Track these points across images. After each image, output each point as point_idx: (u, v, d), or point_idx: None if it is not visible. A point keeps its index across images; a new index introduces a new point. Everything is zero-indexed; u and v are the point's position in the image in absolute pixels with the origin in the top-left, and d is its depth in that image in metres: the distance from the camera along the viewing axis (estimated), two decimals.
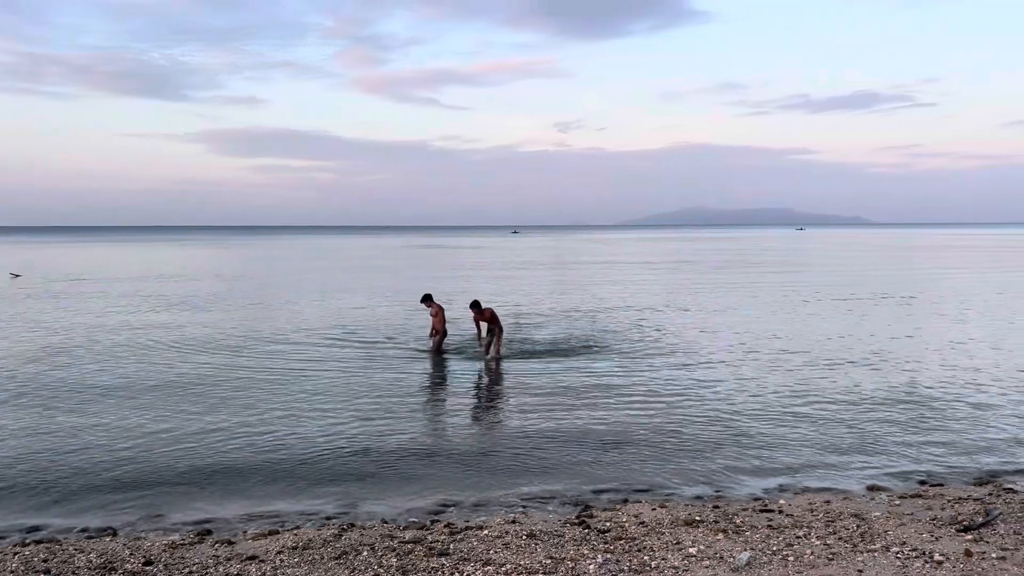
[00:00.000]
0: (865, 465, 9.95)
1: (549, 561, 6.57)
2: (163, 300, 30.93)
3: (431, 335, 17.98)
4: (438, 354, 17.51)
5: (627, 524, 7.59)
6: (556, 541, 7.10)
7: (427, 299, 17.83)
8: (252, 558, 6.76)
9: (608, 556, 6.67)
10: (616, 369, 16.18)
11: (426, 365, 16.86)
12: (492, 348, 17.01)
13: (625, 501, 8.63)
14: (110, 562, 6.69)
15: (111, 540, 7.46)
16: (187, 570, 6.52)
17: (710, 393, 13.93)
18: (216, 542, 7.34)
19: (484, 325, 17.16)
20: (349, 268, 55.73)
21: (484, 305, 17.30)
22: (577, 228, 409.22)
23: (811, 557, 6.61)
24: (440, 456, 10.31)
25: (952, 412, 12.53)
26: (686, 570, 6.33)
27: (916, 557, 6.57)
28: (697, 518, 7.74)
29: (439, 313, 17.70)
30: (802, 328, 22.21)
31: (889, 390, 14.11)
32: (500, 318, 17.46)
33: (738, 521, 7.66)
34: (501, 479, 9.38)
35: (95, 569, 6.54)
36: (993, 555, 6.58)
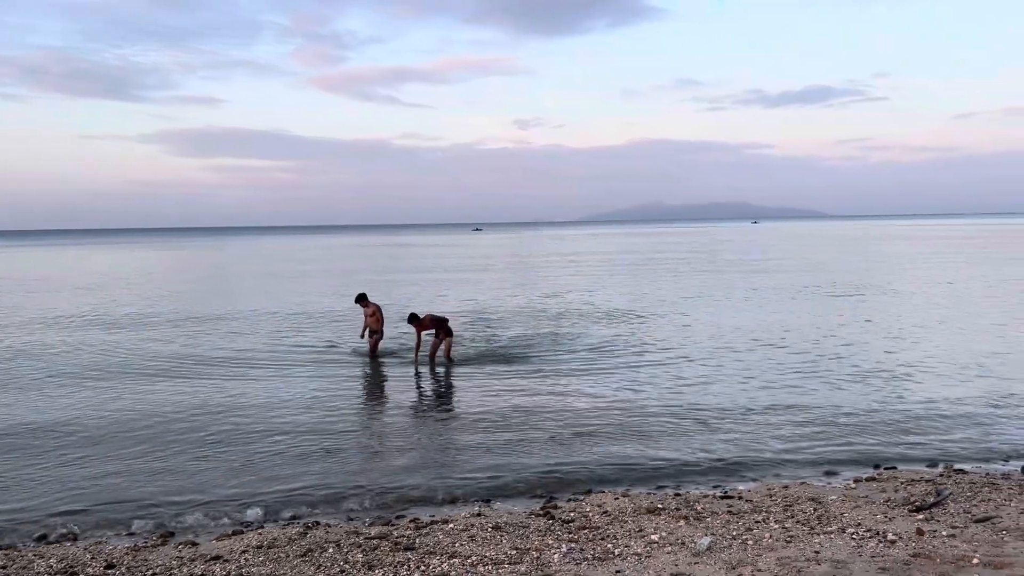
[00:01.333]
0: (822, 451, 10.18)
1: (514, 552, 6.65)
2: (111, 307, 30.35)
3: (363, 336, 17.31)
4: (374, 357, 16.92)
5: (591, 514, 7.69)
6: (521, 532, 7.18)
7: (362, 299, 17.15)
8: (216, 558, 6.73)
9: (572, 545, 6.76)
10: (576, 365, 16.30)
11: (375, 369, 16.41)
12: (442, 352, 16.37)
13: (589, 492, 8.73)
14: (71, 567, 6.61)
15: (71, 545, 7.36)
16: (150, 572, 6.47)
17: (670, 384, 14.13)
18: (179, 544, 7.29)
19: (431, 334, 16.46)
20: (304, 271, 55.23)
21: (437, 313, 16.81)
22: (539, 225, 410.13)
23: (770, 540, 6.77)
24: (401, 456, 10.27)
25: (905, 398, 12.87)
26: (648, 556, 6.45)
27: (870, 537, 6.77)
28: (659, 506, 7.87)
29: (376, 313, 17.05)
30: (755, 319, 22.58)
31: (844, 377, 14.44)
32: (449, 322, 16.80)
33: (699, 508, 7.81)
34: (465, 475, 9.41)
35: (56, 574, 6.46)
36: (944, 533, 6.81)
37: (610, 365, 16.11)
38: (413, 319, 16.42)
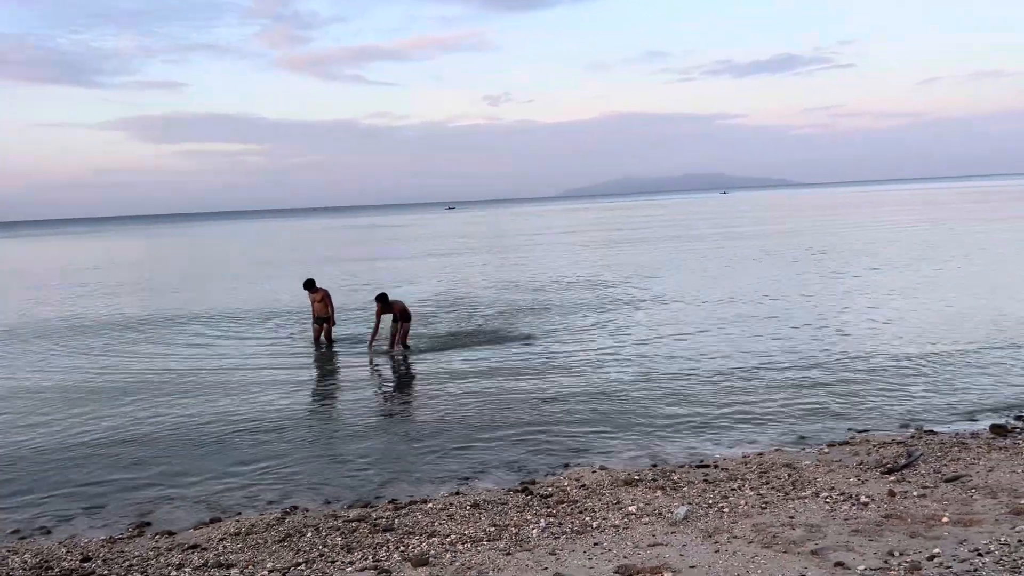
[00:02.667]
0: (796, 418, 10.30)
1: (493, 529, 6.67)
2: (77, 296, 29.98)
3: (314, 323, 16.75)
4: (330, 344, 16.36)
5: (569, 488, 7.73)
6: (500, 509, 7.20)
7: (309, 284, 16.58)
8: (194, 547, 6.68)
9: (551, 520, 6.80)
10: (550, 340, 16.33)
11: (333, 357, 15.82)
12: (396, 338, 15.63)
13: (566, 466, 8.77)
14: (46, 561, 6.53)
15: (45, 540, 7.27)
16: (127, 563, 6.41)
17: (646, 356, 14.23)
18: (156, 534, 7.23)
19: (388, 319, 15.76)
20: (273, 257, 54.74)
21: (393, 297, 15.87)
22: (512, 201, 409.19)
23: (745, 507, 6.85)
24: (376, 440, 10.15)
25: (877, 361, 13.04)
26: (626, 527, 6.50)
27: (844, 500, 6.87)
28: (636, 478, 7.93)
29: (324, 298, 16.45)
30: (728, 289, 22.74)
31: (816, 345, 14.60)
32: (409, 308, 16.08)
33: (675, 478, 7.88)
34: (442, 456, 9.35)
35: (31, 569, 6.38)
36: (915, 493, 6.92)
37: (584, 339, 16.16)
38: (382, 299, 15.58)
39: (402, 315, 15.70)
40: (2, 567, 6.45)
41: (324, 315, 16.54)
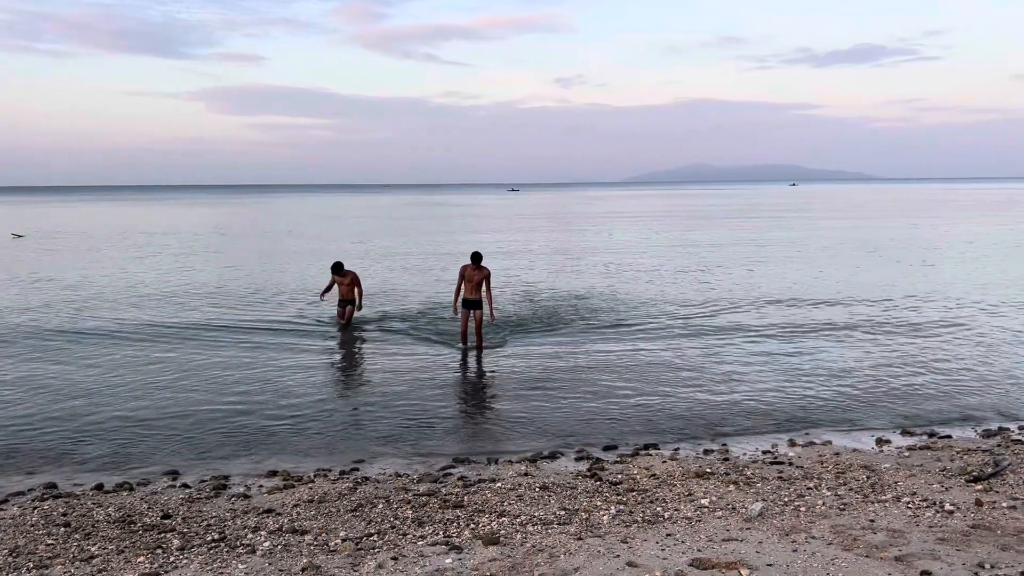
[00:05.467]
0: (873, 419, 10.01)
1: (563, 512, 6.63)
2: (157, 263, 30.89)
3: (322, 296, 17.08)
4: (347, 326, 16.24)
5: (639, 476, 7.65)
6: (569, 493, 7.17)
7: (337, 268, 16.52)
8: (269, 511, 6.82)
9: (621, 507, 6.73)
10: (612, 328, 16.19)
11: (353, 338, 15.64)
12: (481, 322, 14.43)
13: (635, 455, 8.68)
14: (128, 515, 6.75)
15: (128, 495, 7.51)
16: (205, 523, 6.58)
17: (716, 349, 13.99)
18: (232, 496, 7.41)
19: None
20: (339, 234, 55.47)
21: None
22: (578, 185, 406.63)
23: (823, 508, 6.67)
24: (440, 418, 10.19)
25: (956, 366, 12.58)
26: (699, 520, 6.39)
27: (927, 507, 6.63)
28: (708, 470, 7.80)
29: (352, 282, 16.47)
30: (800, 283, 22.20)
31: (893, 346, 14.15)
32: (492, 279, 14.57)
33: (749, 473, 7.72)
34: (508, 438, 9.37)
35: (114, 522, 6.60)
36: (1004, 504, 6.64)
37: (649, 327, 15.95)
38: (476, 257, 14.19)
39: (483, 284, 14.28)
40: (88, 519, 6.68)
41: (350, 298, 16.55)
